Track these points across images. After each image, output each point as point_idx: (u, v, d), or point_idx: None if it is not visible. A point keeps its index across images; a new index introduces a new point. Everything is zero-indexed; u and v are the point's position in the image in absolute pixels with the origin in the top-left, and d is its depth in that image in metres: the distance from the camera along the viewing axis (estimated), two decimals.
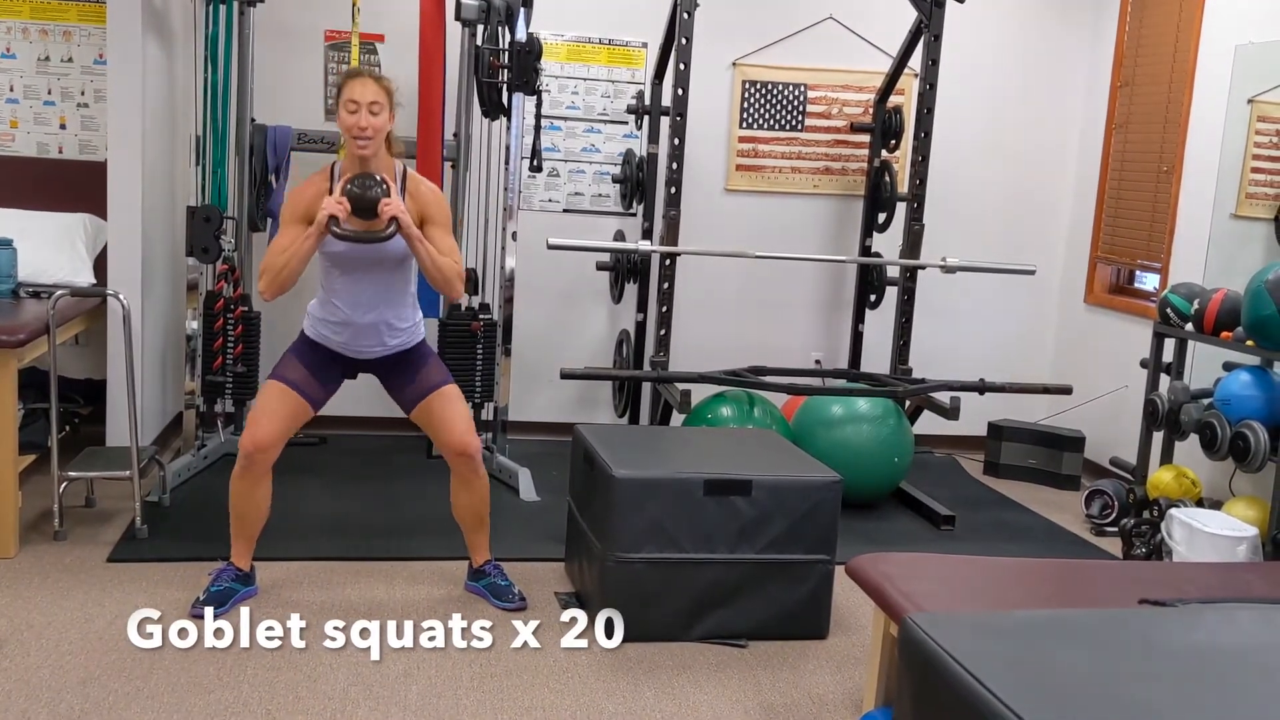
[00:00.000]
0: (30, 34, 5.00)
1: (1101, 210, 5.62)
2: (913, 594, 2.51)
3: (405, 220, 3.20)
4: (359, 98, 3.22)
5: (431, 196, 3.38)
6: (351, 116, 3.22)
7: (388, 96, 3.27)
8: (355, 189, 3.18)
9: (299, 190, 3.36)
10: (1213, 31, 4.88)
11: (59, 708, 2.77)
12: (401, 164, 3.40)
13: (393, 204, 3.18)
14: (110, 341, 4.37)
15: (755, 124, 5.63)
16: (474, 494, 3.50)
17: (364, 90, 3.22)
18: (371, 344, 3.40)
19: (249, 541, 3.44)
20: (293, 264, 3.21)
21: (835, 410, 4.77)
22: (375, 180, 3.20)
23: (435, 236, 3.32)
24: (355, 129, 3.22)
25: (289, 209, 3.31)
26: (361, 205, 3.17)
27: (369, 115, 3.22)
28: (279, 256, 3.23)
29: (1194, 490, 4.45)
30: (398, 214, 3.18)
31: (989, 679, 1.52)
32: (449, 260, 3.31)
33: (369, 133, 3.22)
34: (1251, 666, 1.69)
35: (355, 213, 3.18)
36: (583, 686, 3.04)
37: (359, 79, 3.26)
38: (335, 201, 3.16)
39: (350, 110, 3.22)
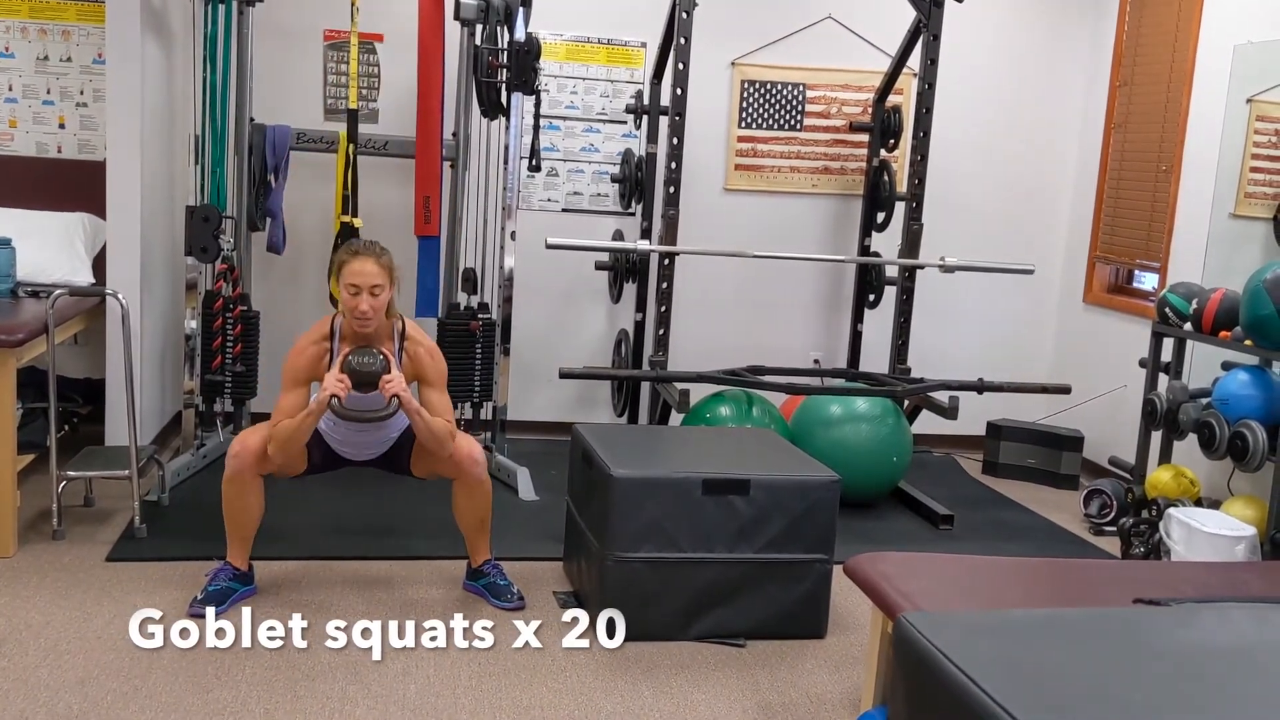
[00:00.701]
0: (29, 33, 5.00)
1: (1100, 210, 5.62)
2: (910, 593, 2.52)
3: (406, 397, 3.29)
4: (360, 282, 3.27)
5: (428, 358, 3.46)
6: (353, 299, 3.28)
7: (389, 274, 3.32)
8: (356, 365, 3.26)
9: (299, 350, 3.41)
10: (1211, 31, 4.88)
11: (57, 707, 2.77)
12: (400, 322, 3.45)
13: (394, 381, 3.27)
14: (109, 341, 4.37)
15: (754, 123, 5.63)
16: (477, 498, 3.52)
17: (365, 274, 3.27)
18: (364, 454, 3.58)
19: (244, 542, 3.45)
20: (297, 437, 3.32)
21: (834, 410, 4.77)
22: (375, 355, 3.29)
23: (430, 398, 3.43)
24: (357, 313, 3.28)
25: (290, 371, 3.39)
26: (362, 380, 3.26)
27: (370, 298, 3.27)
28: (285, 425, 3.29)
29: (1192, 490, 4.45)
30: (399, 392, 3.26)
31: (982, 678, 1.52)
32: (441, 422, 3.39)
33: (370, 316, 3.29)
34: (1245, 665, 1.70)
35: (355, 386, 3.26)
36: (581, 685, 3.05)
37: (360, 259, 3.29)
38: (336, 379, 3.24)
39: (351, 292, 3.28)
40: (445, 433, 3.39)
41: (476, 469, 3.46)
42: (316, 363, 3.38)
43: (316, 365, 3.38)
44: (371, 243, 3.38)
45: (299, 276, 5.31)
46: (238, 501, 3.39)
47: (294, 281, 5.31)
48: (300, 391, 3.37)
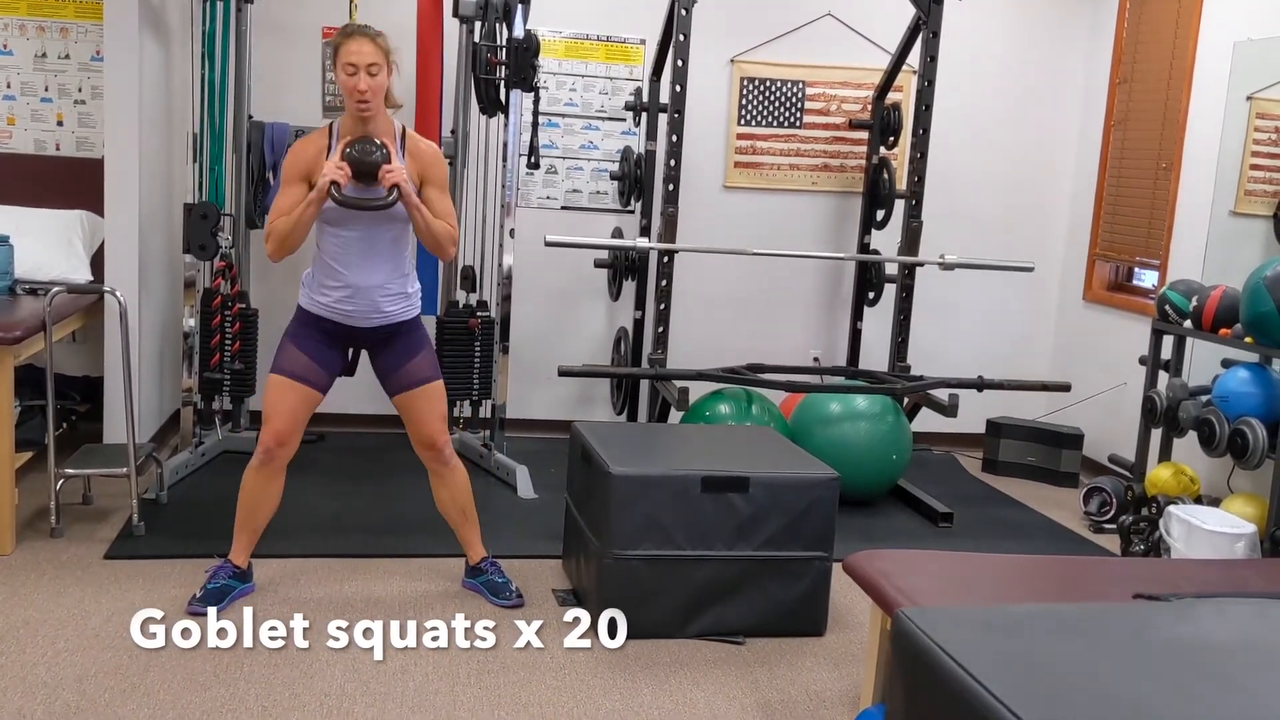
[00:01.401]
0: (27, 30, 5.00)
1: (1100, 207, 5.61)
2: (909, 590, 2.51)
3: (406, 188, 3.19)
4: (357, 60, 3.17)
5: (431, 156, 3.36)
6: (350, 79, 3.18)
7: (385, 55, 3.23)
8: (356, 154, 3.16)
9: (299, 147, 3.32)
10: (1211, 28, 4.87)
11: (55, 705, 2.76)
12: (400, 122, 3.38)
13: (394, 170, 3.18)
14: (107, 338, 4.37)
15: (753, 121, 5.62)
16: (449, 486, 3.51)
17: (361, 52, 3.18)
18: (370, 310, 3.36)
19: (253, 536, 3.44)
20: (298, 229, 3.21)
21: (833, 408, 4.77)
22: (376, 145, 3.19)
23: (432, 198, 3.32)
24: (355, 93, 3.19)
25: (289, 167, 3.29)
26: (362, 170, 3.16)
27: (368, 77, 3.18)
28: (282, 220, 3.22)
29: (1192, 487, 4.45)
30: (399, 181, 3.17)
31: (980, 673, 1.51)
32: (443, 224, 3.31)
33: (369, 95, 3.19)
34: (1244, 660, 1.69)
35: (356, 177, 3.16)
36: (580, 683, 3.04)
37: (355, 39, 3.20)
38: (335, 167, 3.15)
39: (349, 73, 3.18)
40: (446, 235, 3.31)
41: (437, 455, 3.45)
42: (316, 159, 3.24)
43: (316, 161, 3.23)
44: (366, 25, 3.28)
45: (298, 274, 5.23)
46: (260, 491, 3.38)
47: (293, 279, 5.23)
48: (299, 187, 3.24)
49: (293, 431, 3.34)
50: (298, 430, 3.36)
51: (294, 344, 3.37)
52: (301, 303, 3.41)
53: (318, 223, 3.28)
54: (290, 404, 3.33)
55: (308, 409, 3.37)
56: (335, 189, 3.14)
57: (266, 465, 3.34)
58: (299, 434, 3.37)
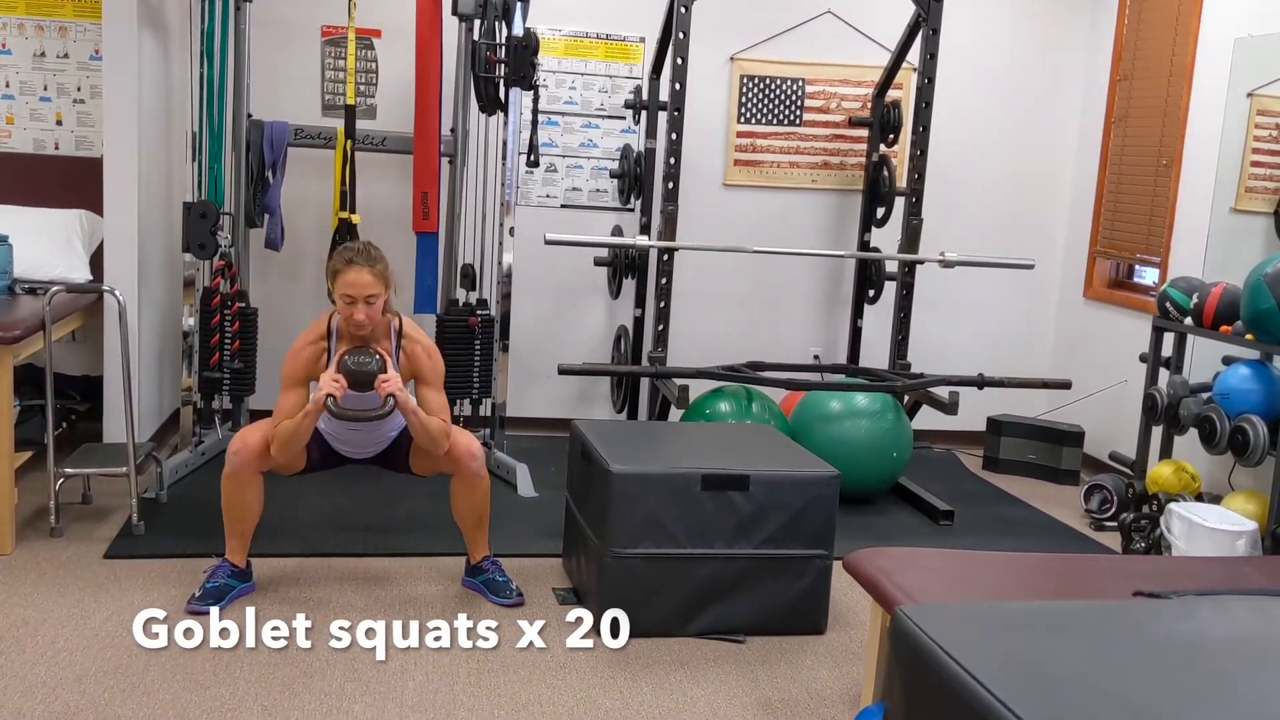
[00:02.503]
0: (26, 29, 4.99)
1: (1100, 204, 5.60)
2: (909, 588, 2.51)
3: (402, 397, 3.28)
4: (355, 292, 3.26)
5: (425, 357, 3.46)
6: (348, 307, 3.28)
7: (383, 282, 3.31)
8: (352, 366, 3.26)
9: (296, 351, 3.41)
10: (1212, 25, 4.86)
11: (54, 704, 2.76)
12: (396, 319, 3.44)
13: (390, 381, 3.26)
14: (107, 338, 4.37)
15: (753, 119, 5.62)
16: (476, 495, 3.51)
17: (359, 284, 3.26)
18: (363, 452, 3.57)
19: (243, 538, 3.44)
20: (298, 437, 3.33)
21: (834, 405, 4.76)
22: (371, 355, 3.28)
23: (426, 397, 3.43)
24: (353, 323, 3.29)
25: (288, 372, 3.40)
26: (358, 381, 3.26)
27: (365, 306, 3.27)
28: (285, 426, 3.30)
29: (1193, 485, 4.44)
30: (395, 391, 3.25)
31: (979, 671, 1.51)
32: (437, 422, 3.38)
33: (366, 325, 3.29)
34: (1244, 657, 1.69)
35: (352, 387, 3.26)
36: (580, 682, 3.04)
37: (354, 269, 3.27)
38: (331, 379, 3.24)
39: (346, 301, 3.27)
40: (441, 432, 3.38)
41: (474, 464, 3.45)
42: (314, 362, 3.38)
43: (314, 365, 3.38)
44: (365, 248, 3.34)
45: (297, 273, 5.30)
46: (237, 498, 3.38)
47: (292, 278, 5.30)
48: (299, 391, 3.37)
49: (258, 451, 3.36)
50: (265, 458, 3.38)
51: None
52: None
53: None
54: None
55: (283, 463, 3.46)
56: (331, 401, 3.23)
57: (235, 470, 3.35)
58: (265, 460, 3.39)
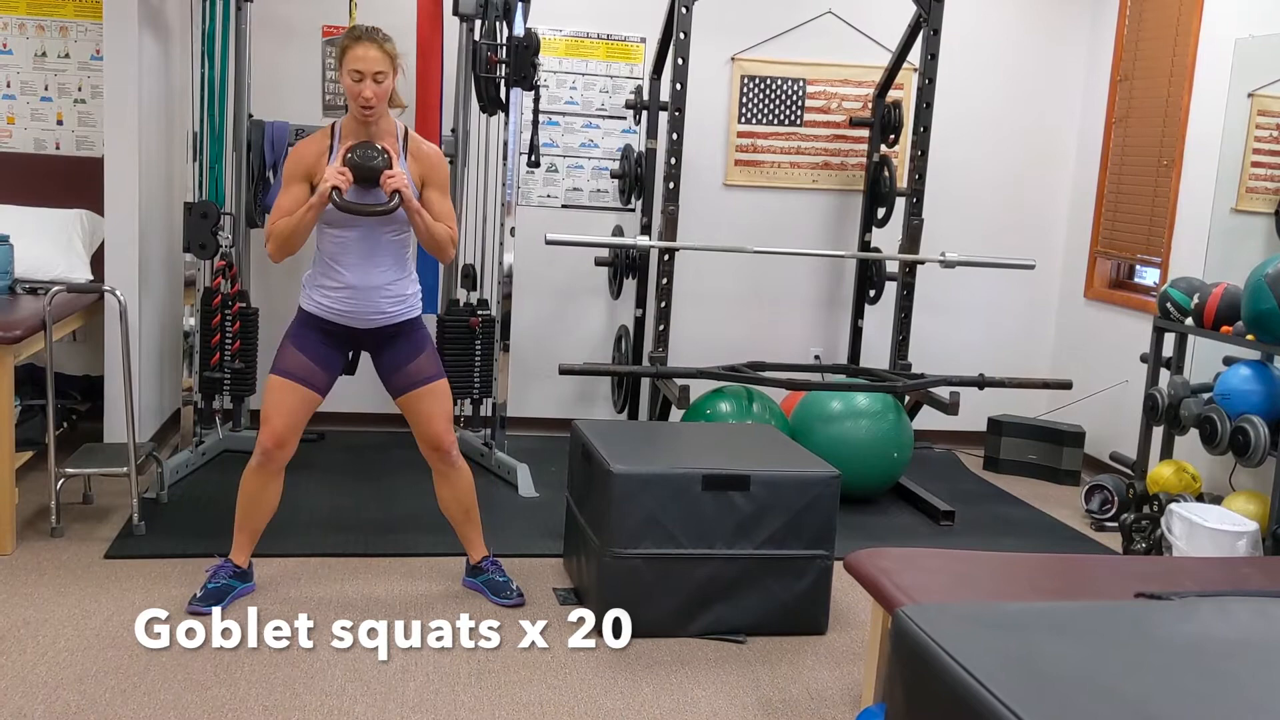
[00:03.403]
0: (27, 29, 4.99)
1: (1101, 205, 5.60)
2: (910, 588, 2.51)
3: (407, 194, 3.19)
4: (363, 68, 3.17)
5: (433, 159, 3.36)
6: (356, 85, 3.18)
7: (391, 61, 3.22)
8: (357, 159, 3.17)
9: (301, 147, 3.32)
10: (1212, 25, 4.86)
11: (55, 704, 2.76)
12: (403, 124, 3.38)
13: (395, 176, 3.18)
14: (107, 338, 4.37)
15: (754, 119, 5.62)
16: (454, 487, 3.51)
17: (368, 58, 3.17)
18: (371, 310, 3.35)
19: (253, 536, 3.44)
20: (299, 232, 3.22)
21: (834, 405, 4.76)
22: (377, 150, 3.19)
23: (433, 200, 3.32)
24: (360, 99, 3.19)
25: (291, 167, 3.30)
26: (364, 176, 3.17)
27: (373, 84, 3.18)
28: (284, 222, 3.22)
29: (1194, 485, 4.44)
30: (400, 187, 3.17)
31: (980, 671, 1.51)
32: (443, 227, 3.31)
33: (373, 102, 3.19)
34: (1245, 658, 1.68)
35: (357, 181, 3.17)
36: (581, 682, 3.04)
37: (362, 44, 3.19)
38: (337, 172, 3.15)
39: (354, 79, 3.18)
40: (446, 237, 3.32)
41: (444, 457, 3.44)
42: (318, 159, 3.25)
43: (318, 162, 3.24)
44: (373, 27, 3.27)
45: (298, 273, 5.25)
46: (258, 492, 3.37)
47: (293, 278, 5.26)
48: (301, 188, 3.25)
49: (291, 433, 3.33)
50: (296, 431, 3.35)
51: (294, 345, 3.36)
52: (302, 303, 3.40)
53: (318, 223, 3.28)
54: (289, 405, 3.31)
55: (307, 410, 3.36)
56: (336, 194, 3.15)
57: (265, 467, 3.34)
58: (297, 435, 3.36)
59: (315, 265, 3.37)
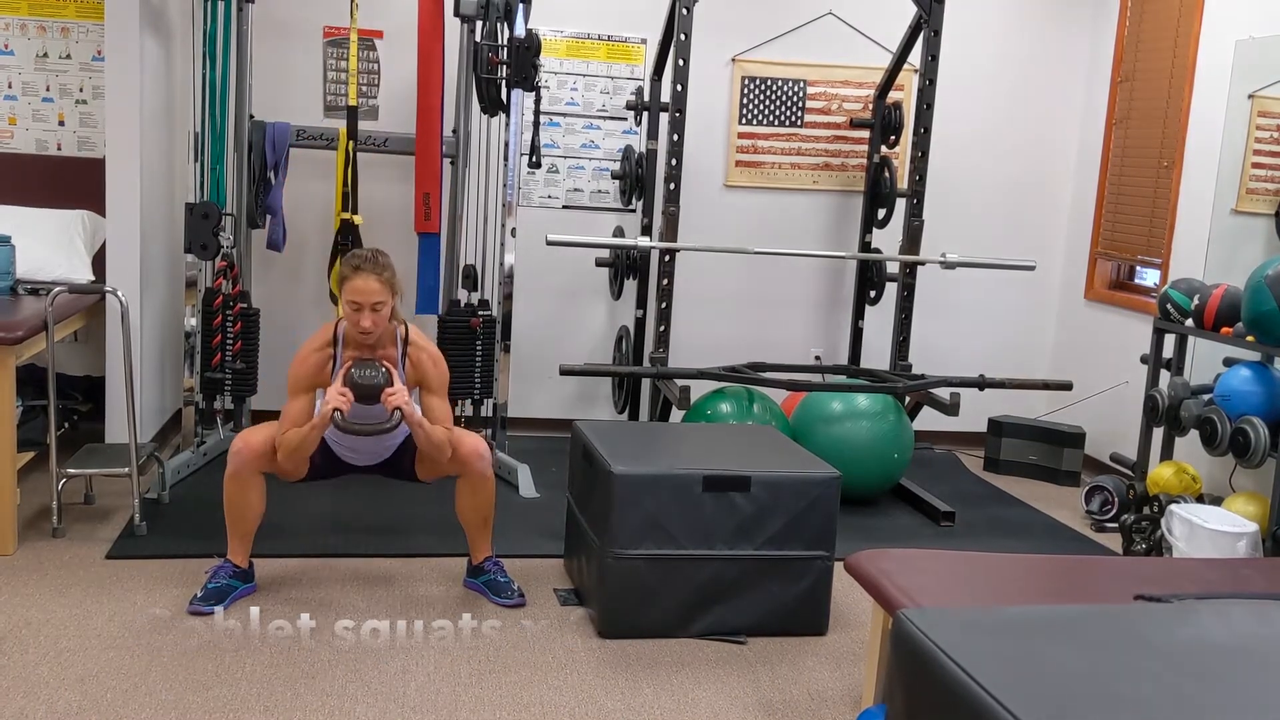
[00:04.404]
0: (28, 30, 5.00)
1: (1101, 205, 5.61)
2: (910, 589, 2.51)
3: (409, 410, 3.29)
4: (362, 299, 3.27)
5: (430, 366, 3.46)
6: (355, 314, 3.28)
7: (389, 290, 3.32)
8: (358, 379, 3.27)
9: (303, 358, 3.41)
10: (1213, 26, 4.87)
11: (57, 704, 2.77)
12: (402, 327, 3.45)
13: (397, 394, 3.27)
14: (109, 338, 4.37)
15: (754, 120, 5.62)
16: (481, 495, 3.52)
17: (367, 291, 3.27)
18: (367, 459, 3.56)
19: (245, 539, 3.45)
20: (305, 447, 3.35)
21: (835, 406, 4.77)
22: (378, 369, 3.29)
23: (430, 404, 3.44)
24: (359, 329, 3.29)
25: (294, 379, 3.40)
26: (364, 395, 3.27)
27: (371, 313, 3.28)
28: (292, 435, 3.33)
29: (1194, 486, 4.44)
30: (401, 405, 3.27)
31: (980, 674, 1.51)
32: (441, 430, 3.40)
33: (372, 331, 3.30)
34: (1245, 661, 1.69)
35: (358, 399, 3.27)
36: (581, 683, 3.04)
37: (361, 276, 3.28)
38: (338, 393, 3.25)
39: (353, 309, 3.28)
40: (445, 441, 3.40)
41: (480, 464, 3.46)
42: (320, 370, 3.40)
43: (320, 372, 3.39)
44: (373, 255, 3.35)
45: (299, 274, 5.31)
46: (239, 498, 3.39)
47: (294, 279, 5.30)
48: (306, 398, 3.38)
49: (260, 452, 3.37)
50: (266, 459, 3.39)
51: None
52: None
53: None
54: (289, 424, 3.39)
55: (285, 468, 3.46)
56: (338, 415, 3.24)
57: (236, 471, 3.36)
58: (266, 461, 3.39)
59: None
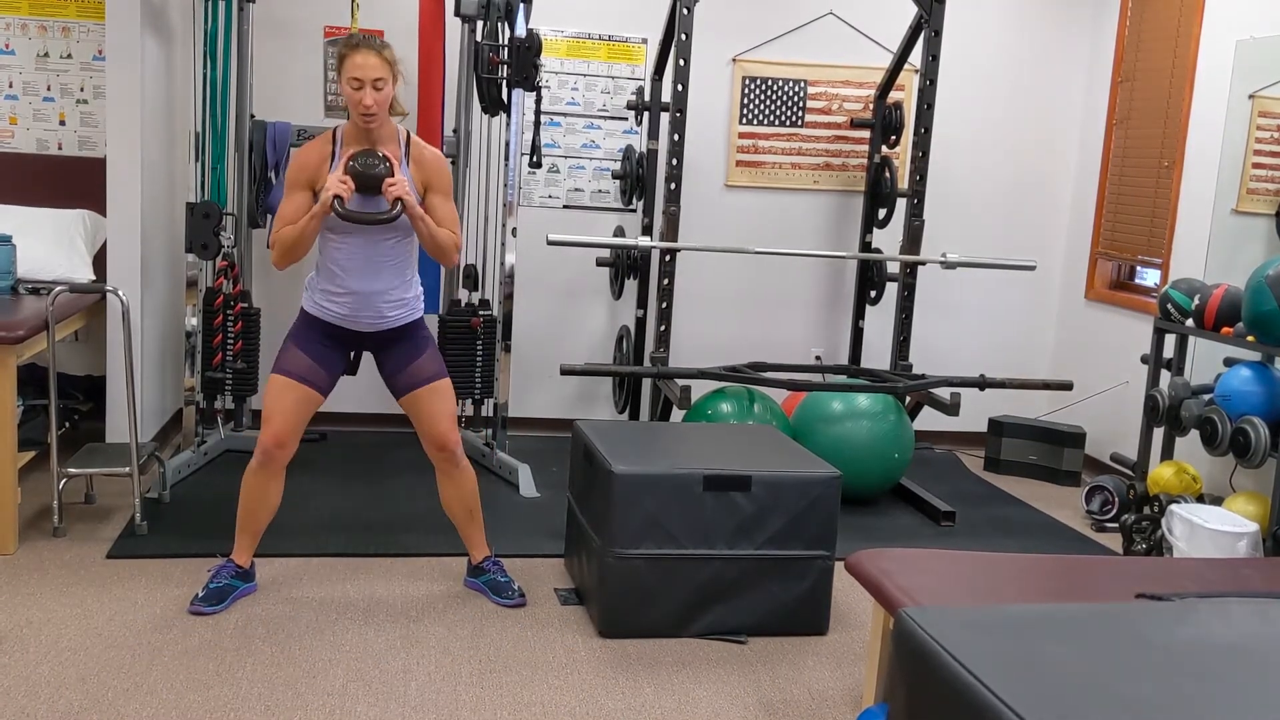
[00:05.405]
0: (29, 30, 5.00)
1: (1102, 206, 5.61)
2: (911, 589, 2.51)
3: (409, 200, 3.20)
4: (362, 75, 3.17)
5: (435, 164, 3.36)
6: (356, 93, 3.19)
7: (391, 68, 3.23)
8: (359, 167, 3.17)
9: (303, 154, 3.32)
10: (1213, 27, 4.87)
11: (58, 704, 2.77)
12: (405, 129, 3.38)
13: (397, 184, 3.18)
14: (109, 338, 4.38)
15: (755, 120, 5.62)
16: (458, 487, 3.51)
17: (367, 66, 3.17)
18: (372, 315, 3.37)
19: (254, 537, 3.44)
20: (302, 241, 3.24)
21: (835, 406, 4.77)
22: (379, 157, 3.20)
23: (436, 205, 3.33)
24: (360, 107, 3.19)
25: (293, 174, 3.30)
26: (365, 184, 3.18)
27: (373, 92, 3.18)
28: (287, 231, 3.24)
29: (1194, 486, 4.45)
30: (402, 194, 3.18)
31: (982, 672, 1.51)
32: (446, 231, 3.32)
33: (374, 109, 3.20)
34: (1245, 660, 1.69)
35: (359, 190, 3.18)
36: (582, 682, 3.04)
37: (360, 52, 3.19)
38: (339, 180, 3.15)
39: (354, 87, 3.19)
40: (450, 242, 3.32)
41: (448, 457, 3.45)
42: (320, 166, 3.27)
43: (319, 169, 3.26)
44: (372, 35, 3.26)
45: (300, 274, 5.28)
46: (259, 493, 3.37)
47: (295, 279, 5.28)
48: (303, 195, 3.26)
49: (292, 433, 3.33)
50: (297, 432, 3.35)
51: (296, 345, 3.37)
52: (304, 305, 3.41)
53: (322, 231, 3.29)
54: (290, 405, 3.32)
55: (308, 410, 3.37)
56: (338, 203, 3.16)
57: (265, 467, 3.34)
58: (298, 435, 3.36)
59: (318, 269, 3.38)
